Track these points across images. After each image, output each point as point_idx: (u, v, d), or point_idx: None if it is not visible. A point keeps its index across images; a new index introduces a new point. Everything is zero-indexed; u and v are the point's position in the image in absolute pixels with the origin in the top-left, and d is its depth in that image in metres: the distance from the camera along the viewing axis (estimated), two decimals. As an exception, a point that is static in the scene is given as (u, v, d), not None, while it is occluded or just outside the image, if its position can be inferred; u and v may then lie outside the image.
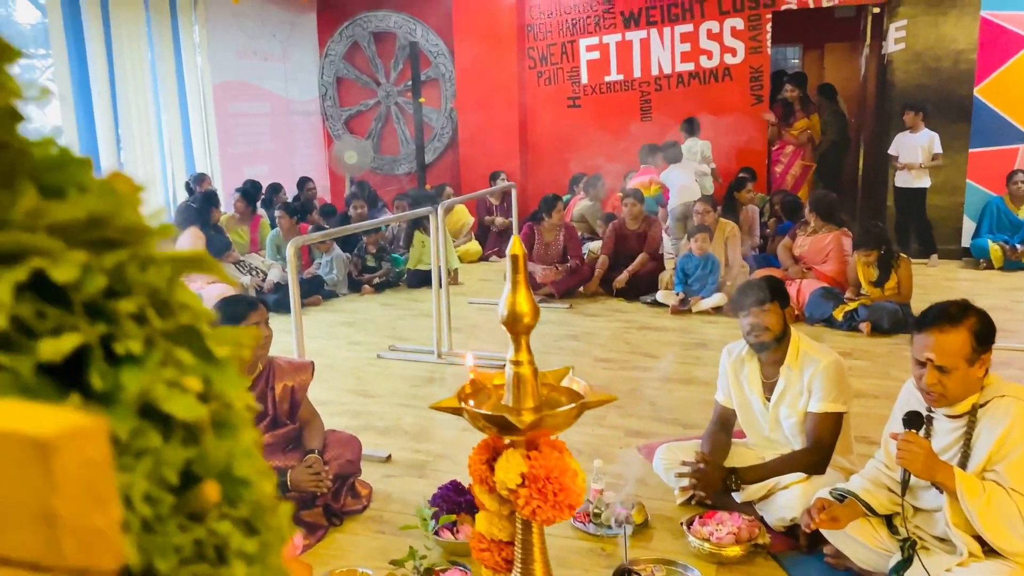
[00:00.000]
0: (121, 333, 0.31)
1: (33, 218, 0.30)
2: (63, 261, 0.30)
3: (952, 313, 2.24)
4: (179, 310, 0.33)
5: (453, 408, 0.93)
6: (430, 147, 9.48)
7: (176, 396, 0.31)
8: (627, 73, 8.68)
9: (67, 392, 0.30)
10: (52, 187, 0.31)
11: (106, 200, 0.32)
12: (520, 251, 0.94)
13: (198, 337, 0.33)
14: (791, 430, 2.91)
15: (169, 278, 0.33)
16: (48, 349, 0.29)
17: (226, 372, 0.34)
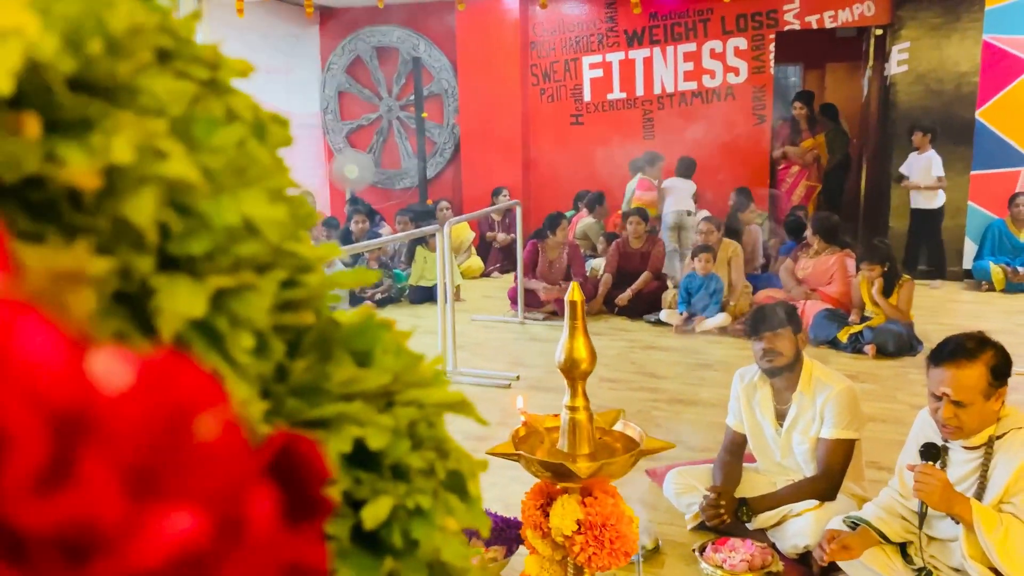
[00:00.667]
0: (413, 489, 0.32)
1: (349, 386, 0.31)
2: (376, 427, 0.31)
3: (969, 348, 2.24)
4: (453, 455, 0.34)
5: (510, 454, 0.92)
6: (432, 162, 9.49)
7: (449, 543, 0.32)
8: (630, 91, 8.72)
9: (370, 553, 0.30)
10: (360, 352, 0.32)
11: (402, 360, 0.33)
12: (579, 297, 0.93)
13: (462, 479, 0.33)
14: (803, 456, 2.90)
15: (443, 426, 0.34)
16: (369, 516, 0.30)
17: (476, 509, 0.34)
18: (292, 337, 0.30)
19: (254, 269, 0.28)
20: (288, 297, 0.30)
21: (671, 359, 5.24)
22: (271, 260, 0.28)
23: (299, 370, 0.30)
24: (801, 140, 7.97)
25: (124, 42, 0.24)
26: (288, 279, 0.29)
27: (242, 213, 0.26)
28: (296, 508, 0.24)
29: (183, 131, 0.26)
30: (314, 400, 0.30)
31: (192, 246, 0.25)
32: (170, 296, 0.24)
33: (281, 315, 0.29)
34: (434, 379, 0.34)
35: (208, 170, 0.26)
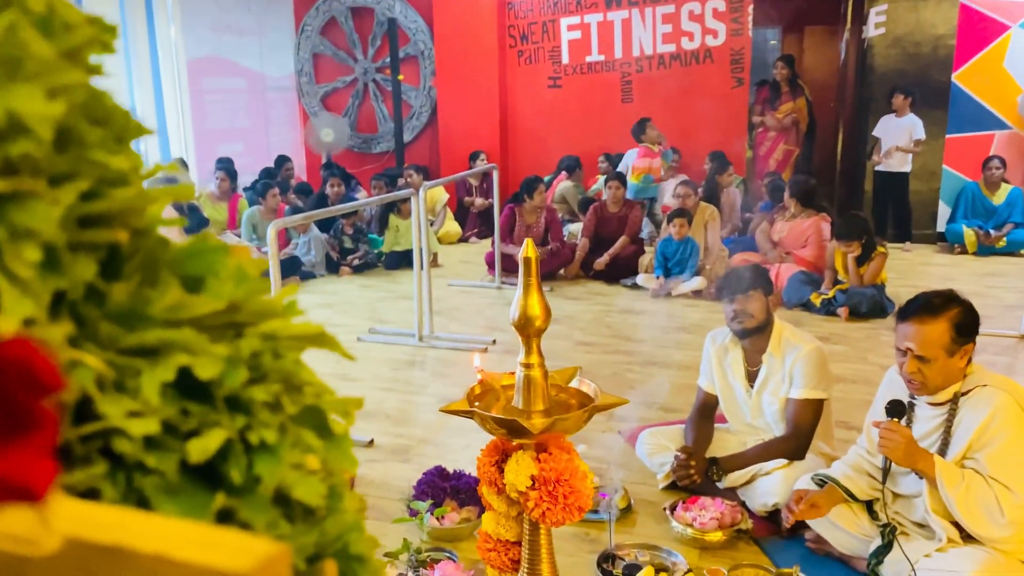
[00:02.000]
0: (256, 423, 0.30)
1: (176, 312, 0.29)
2: (206, 356, 0.29)
3: (935, 304, 2.27)
4: (305, 390, 0.32)
5: (463, 411, 0.92)
6: (408, 126, 9.39)
7: (303, 480, 0.30)
8: (608, 54, 8.64)
9: (207, 488, 0.28)
10: (191, 277, 0.30)
11: (241, 286, 0.31)
12: (533, 254, 0.92)
13: (321, 415, 0.32)
14: (773, 417, 2.94)
15: (296, 359, 0.32)
16: (196, 450, 0.28)
17: (342, 447, 0.32)
18: (105, 256, 0.28)
19: (46, 177, 0.25)
20: (91, 210, 0.27)
21: (647, 323, 5.27)
22: (70, 169, 0.26)
23: (117, 293, 0.28)
24: (781, 103, 7.95)
25: None
26: (92, 191, 0.27)
27: (8, 108, 0.24)
28: (13, 420, 0.22)
29: None
30: (134, 326, 0.28)
31: None
32: None
33: (84, 230, 0.27)
34: (285, 310, 0.32)
35: None
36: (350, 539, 0.32)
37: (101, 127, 0.29)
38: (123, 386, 0.27)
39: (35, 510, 0.23)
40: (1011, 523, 2.14)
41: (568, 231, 7.06)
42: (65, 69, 0.27)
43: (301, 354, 0.33)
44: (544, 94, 8.92)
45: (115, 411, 0.27)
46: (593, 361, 4.49)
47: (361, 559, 0.32)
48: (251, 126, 9.09)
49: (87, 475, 0.26)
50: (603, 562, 2.49)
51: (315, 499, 0.31)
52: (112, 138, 0.29)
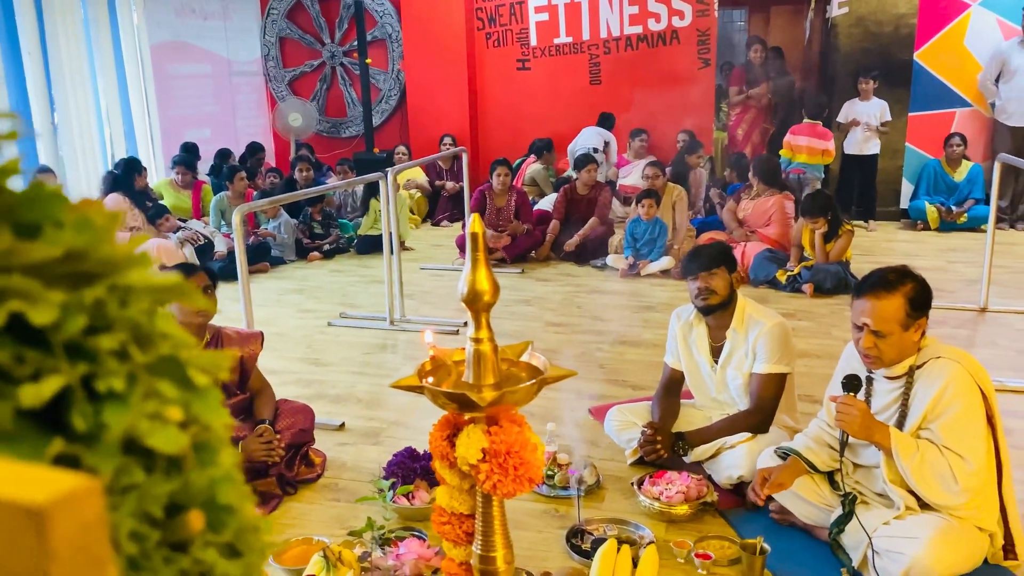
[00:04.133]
0: (103, 371, 0.30)
1: (7, 258, 0.29)
2: (41, 302, 0.29)
3: (889, 280, 2.31)
4: (160, 341, 0.32)
5: (414, 386, 0.94)
6: (377, 109, 9.33)
7: (159, 429, 0.30)
8: (576, 35, 8.64)
9: (49, 435, 0.29)
10: (27, 224, 0.30)
11: (83, 234, 0.31)
12: (480, 228, 0.94)
13: (179, 366, 0.32)
14: (737, 391, 3.00)
15: (148, 309, 0.32)
16: (28, 394, 0.28)
17: (207, 399, 0.33)
18: None
19: None
20: None
21: (616, 302, 5.32)
22: None
23: None
24: (757, 84, 7.98)
25: None
26: None
27: None
28: None
29: None
30: None
31: None
32: None
33: None
34: (136, 261, 0.32)
35: None
36: (219, 490, 0.32)
37: None
38: None
39: None
40: (964, 490, 2.21)
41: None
42: None
43: (159, 305, 0.33)
44: (513, 76, 8.90)
45: None
46: (563, 341, 4.53)
47: (231, 509, 0.32)
48: (218, 112, 8.98)
49: None
50: (572, 537, 2.54)
51: (172, 448, 0.31)
52: None
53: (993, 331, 4.62)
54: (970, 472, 2.21)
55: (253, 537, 0.33)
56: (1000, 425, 2.33)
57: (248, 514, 0.33)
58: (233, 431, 2.54)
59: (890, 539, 2.24)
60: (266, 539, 0.34)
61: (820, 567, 2.38)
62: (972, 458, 2.22)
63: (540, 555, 2.46)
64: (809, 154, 7.04)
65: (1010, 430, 3.05)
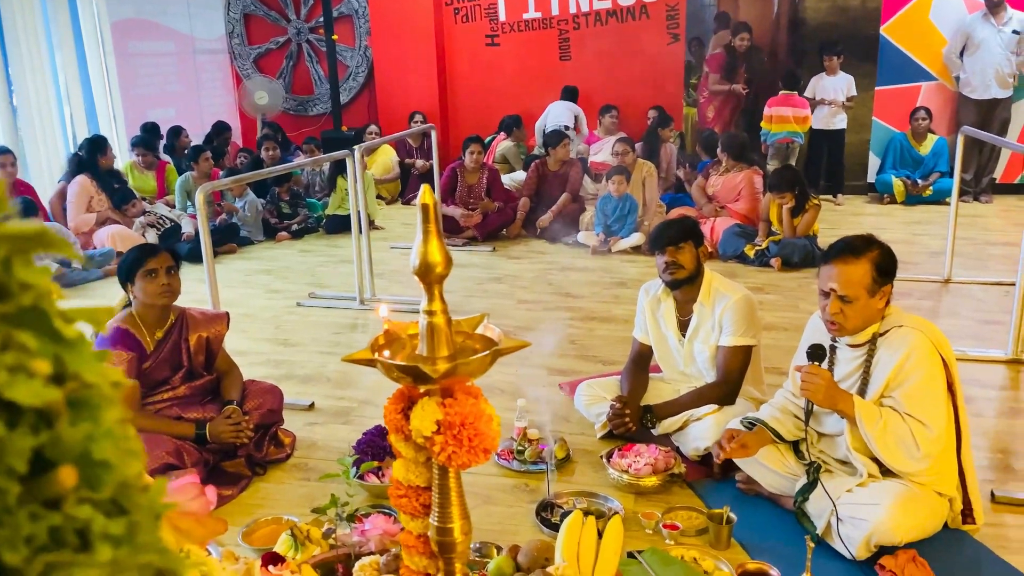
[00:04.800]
0: None
1: None
2: None
3: (856, 246, 2.34)
4: (20, 291, 0.31)
5: (367, 360, 0.93)
6: (345, 87, 9.22)
7: (21, 382, 0.29)
8: (545, 11, 8.58)
9: None
10: None
11: None
12: (431, 200, 0.93)
13: (44, 317, 0.31)
14: (704, 364, 3.02)
15: (5, 257, 0.31)
16: None
17: (79, 351, 0.31)
18: None
19: None
20: None
21: (587, 279, 5.33)
22: None
23: None
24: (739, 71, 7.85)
25: None
26: None
27: None
28: None
29: None
30: None
31: None
32: None
33: None
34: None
35: None
36: (96, 446, 0.32)
37: None
38: None
39: None
40: (926, 456, 2.25)
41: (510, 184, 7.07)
42: None
43: (19, 253, 0.32)
44: (482, 52, 8.83)
45: None
46: (535, 318, 4.54)
47: (107, 465, 0.31)
48: (182, 90, 8.82)
49: None
50: (542, 511, 2.55)
51: (35, 400, 0.30)
52: None
53: (956, 302, 4.70)
54: (931, 438, 2.25)
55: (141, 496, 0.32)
56: (960, 393, 2.37)
57: (132, 472, 0.32)
58: (130, 391, 2.49)
59: (853, 506, 2.28)
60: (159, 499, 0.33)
61: (786, 535, 2.42)
62: (933, 425, 2.26)
63: (511, 529, 2.48)
64: (796, 122, 7.21)
65: (970, 398, 3.11)
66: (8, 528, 0.28)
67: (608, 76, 8.33)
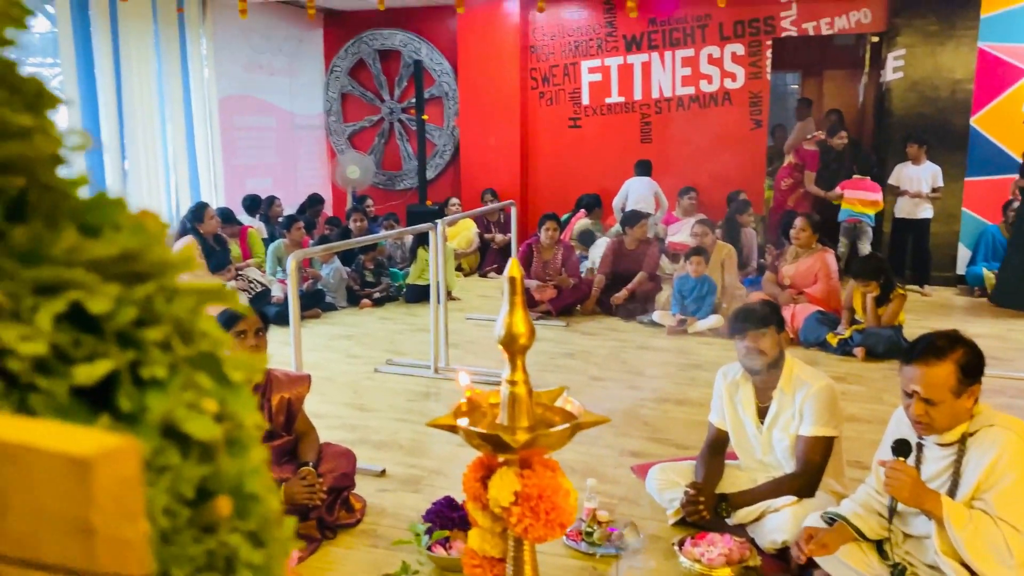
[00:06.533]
0: (148, 359, 0.34)
1: (72, 254, 0.33)
2: (98, 294, 0.33)
3: (939, 346, 2.26)
4: (200, 338, 0.36)
5: (449, 426, 0.96)
6: (431, 163, 9.55)
7: (195, 417, 0.34)
8: (628, 95, 8.78)
9: (98, 413, 0.33)
10: (90, 226, 0.34)
11: (137, 237, 0.35)
12: (517, 273, 0.97)
13: (216, 363, 0.36)
14: (783, 453, 2.94)
15: (192, 308, 0.36)
16: (82, 374, 0.32)
17: (240, 395, 0.36)
18: (12, 203, 0.33)
19: None
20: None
21: (662, 359, 5.28)
22: None
23: (18, 235, 0.32)
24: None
25: None
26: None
27: None
28: None
29: None
30: (33, 263, 0.32)
31: None
32: None
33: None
34: (182, 263, 0.36)
35: None
36: (247, 481, 0.35)
37: (9, 92, 0.33)
38: (19, 315, 0.32)
39: None
40: (1020, 564, 2.12)
41: (585, 267, 7.12)
42: None
43: (201, 306, 0.37)
44: (564, 133, 9.05)
45: (8, 334, 0.31)
46: (607, 396, 4.50)
47: (256, 498, 0.35)
48: (280, 162, 9.29)
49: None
50: (609, 596, 2.49)
51: (205, 435, 0.34)
52: (21, 103, 0.33)
53: (1054, 402, 4.45)
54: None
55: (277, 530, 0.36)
56: (1057, 498, 2.24)
57: (273, 507, 0.36)
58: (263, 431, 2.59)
59: (942, 613, 2.16)
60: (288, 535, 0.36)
61: (866, 639, 2.29)
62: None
63: (576, 612, 2.43)
64: (862, 204, 7.22)
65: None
66: (177, 547, 0.32)
67: (688, 159, 8.42)
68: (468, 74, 9.09)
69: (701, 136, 8.39)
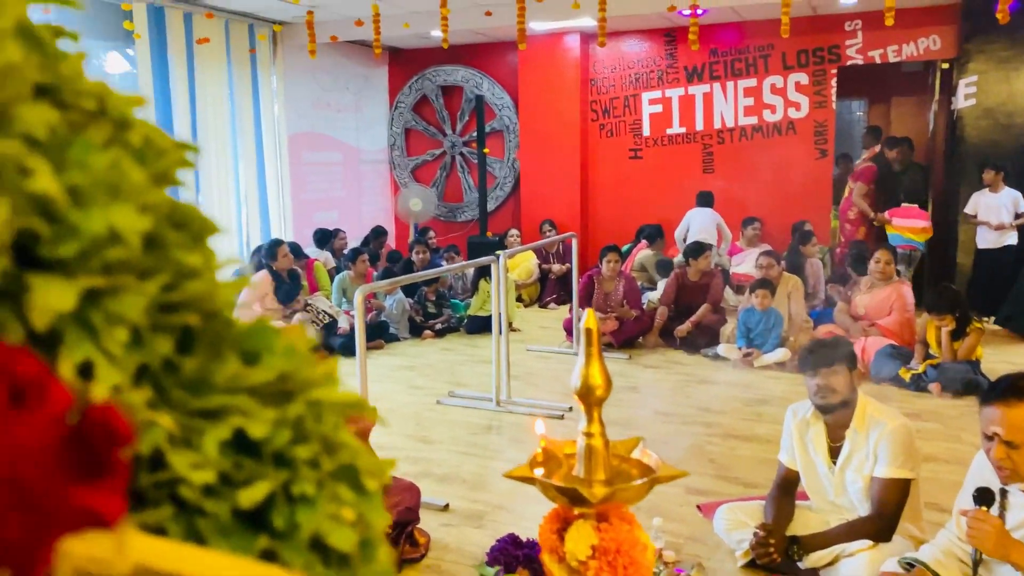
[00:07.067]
0: (298, 478, 0.36)
1: (235, 381, 0.35)
2: (258, 419, 0.35)
3: (1020, 387, 2.18)
4: (342, 450, 0.38)
5: (525, 477, 0.97)
6: (492, 195, 9.66)
7: (337, 529, 0.36)
8: (689, 126, 8.74)
9: (256, 533, 0.35)
10: (250, 351, 0.37)
11: (290, 360, 0.37)
12: (594, 324, 0.97)
13: (355, 473, 0.38)
14: (857, 495, 2.85)
15: (336, 423, 0.38)
16: (245, 497, 0.34)
17: (374, 502, 0.38)
18: (180, 335, 0.35)
19: (135, 273, 0.32)
20: (170, 299, 0.34)
21: (728, 394, 5.19)
22: (154, 266, 0.33)
23: (188, 365, 0.35)
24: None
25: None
26: (171, 283, 0.34)
27: (109, 223, 0.31)
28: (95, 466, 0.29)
29: (57, 153, 0.31)
30: (201, 392, 0.34)
31: (60, 250, 0.30)
32: (42, 293, 0.29)
33: (164, 315, 0.34)
34: (325, 379, 0.38)
35: (77, 186, 0.31)
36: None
37: (180, 230, 0.36)
38: (189, 442, 0.34)
39: (112, 538, 0.29)
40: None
41: (647, 299, 7.06)
42: (153, 190, 0.35)
43: (341, 418, 0.39)
44: (624, 165, 9.06)
45: (181, 463, 0.33)
46: (671, 432, 4.44)
47: None
48: (345, 196, 9.51)
49: (157, 516, 0.33)
50: (677, 640, 2.44)
51: (348, 546, 0.36)
52: (189, 238, 0.36)
53: None
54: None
55: None
56: None
57: None
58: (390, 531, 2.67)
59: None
60: None
61: None
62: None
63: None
64: (911, 232, 7.22)
65: None
66: None
67: (752, 189, 8.32)
68: (528, 107, 9.19)
69: (764, 166, 8.29)
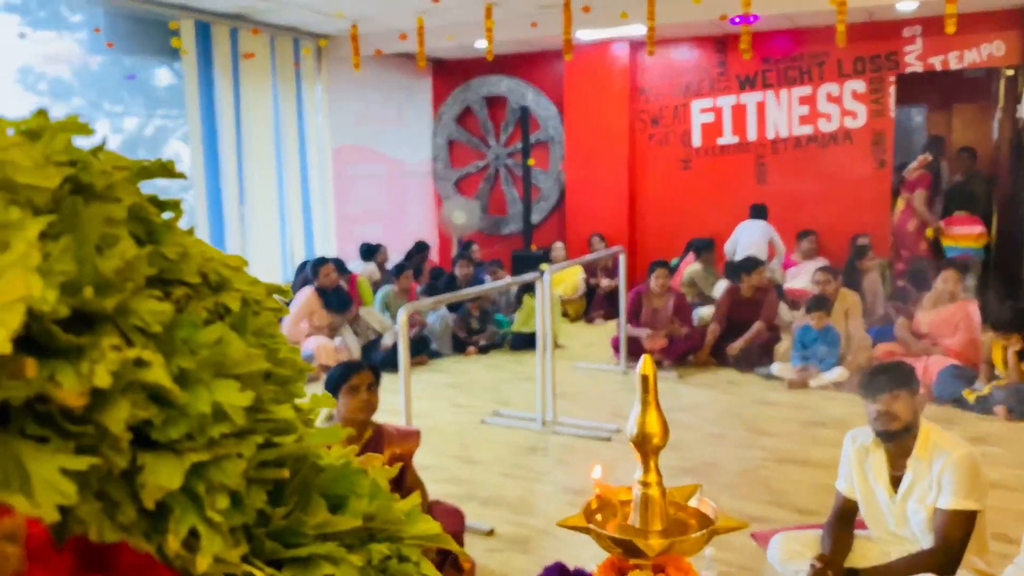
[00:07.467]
0: None
1: (322, 529, 0.37)
2: (346, 566, 0.36)
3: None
4: None
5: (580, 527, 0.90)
6: (537, 208, 9.58)
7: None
8: (742, 135, 8.56)
9: None
10: (336, 496, 0.38)
11: (375, 501, 0.39)
12: (651, 371, 0.90)
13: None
14: (919, 527, 2.70)
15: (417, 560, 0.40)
16: None
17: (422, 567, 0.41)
18: (272, 487, 0.36)
19: (233, 436, 0.33)
20: (265, 457, 0.35)
21: (782, 415, 5.02)
22: (251, 426, 0.34)
23: (278, 516, 0.36)
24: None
25: (113, 280, 0.31)
26: (265, 442, 0.35)
27: (213, 402, 0.32)
28: None
29: (167, 338, 0.33)
30: (291, 541, 0.36)
31: (170, 432, 0.32)
32: (153, 473, 0.31)
33: (260, 471, 0.35)
34: (409, 516, 0.40)
35: (185, 370, 0.32)
36: None
37: (272, 384, 0.37)
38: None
39: None
40: None
41: (698, 315, 6.90)
42: (254, 359, 0.35)
43: (421, 551, 0.40)
44: (674, 175, 8.91)
45: None
46: (724, 455, 4.30)
47: None
48: (389, 209, 9.53)
49: None
50: None
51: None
52: (282, 391, 0.37)
53: None
54: None
55: None
56: None
57: None
58: None
59: None
60: None
61: None
62: None
63: None
64: (966, 239, 7.15)
65: None
66: None
67: (807, 200, 8.11)
68: (575, 118, 9.10)
69: (820, 177, 8.08)
